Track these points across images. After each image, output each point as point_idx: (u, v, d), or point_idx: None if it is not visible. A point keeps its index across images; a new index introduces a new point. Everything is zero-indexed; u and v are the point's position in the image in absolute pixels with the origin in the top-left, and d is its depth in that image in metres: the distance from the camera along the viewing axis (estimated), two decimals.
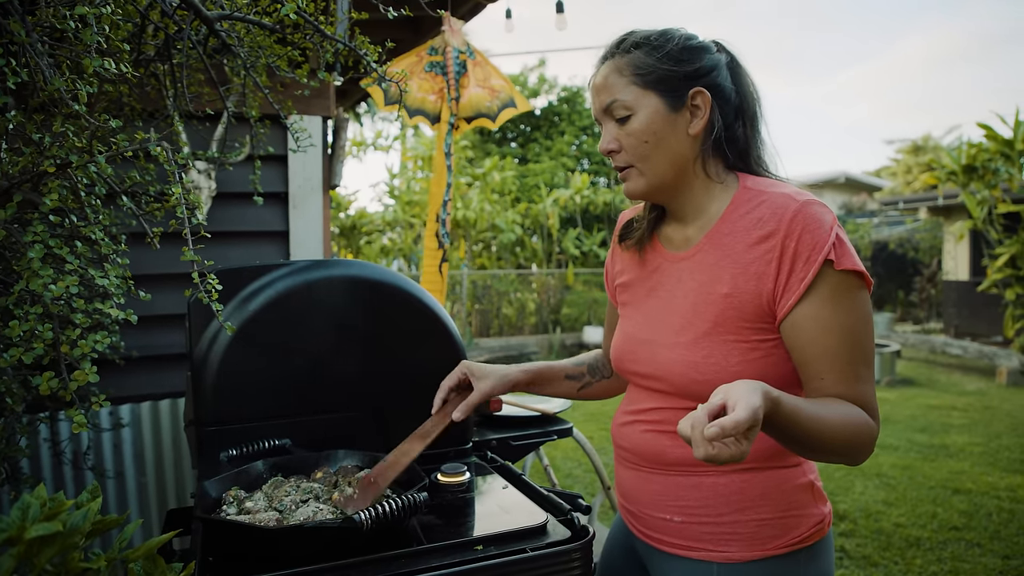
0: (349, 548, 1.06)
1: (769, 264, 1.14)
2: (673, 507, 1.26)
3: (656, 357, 1.26)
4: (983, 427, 6.60)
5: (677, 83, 1.20)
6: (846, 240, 1.14)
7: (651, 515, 1.30)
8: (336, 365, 1.49)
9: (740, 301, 1.16)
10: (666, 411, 1.26)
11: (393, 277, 1.54)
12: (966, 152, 10.21)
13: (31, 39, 1.10)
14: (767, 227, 1.15)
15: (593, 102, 1.27)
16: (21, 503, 0.80)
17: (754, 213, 1.18)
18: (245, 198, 2.69)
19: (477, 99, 3.89)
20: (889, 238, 16.18)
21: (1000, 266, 9.67)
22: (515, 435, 1.82)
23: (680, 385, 1.22)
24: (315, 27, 1.46)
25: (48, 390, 1.05)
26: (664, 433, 1.26)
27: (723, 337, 1.18)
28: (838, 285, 1.11)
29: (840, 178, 22.68)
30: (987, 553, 3.74)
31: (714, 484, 1.22)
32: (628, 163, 1.24)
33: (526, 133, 19.40)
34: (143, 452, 2.77)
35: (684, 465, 1.24)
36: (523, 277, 13.60)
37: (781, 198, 1.16)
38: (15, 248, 1.25)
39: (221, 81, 1.86)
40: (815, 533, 1.24)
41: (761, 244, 1.15)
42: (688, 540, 1.25)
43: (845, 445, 1.07)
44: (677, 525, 1.26)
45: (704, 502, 1.23)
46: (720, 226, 1.22)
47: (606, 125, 1.25)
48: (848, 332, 1.11)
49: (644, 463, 1.31)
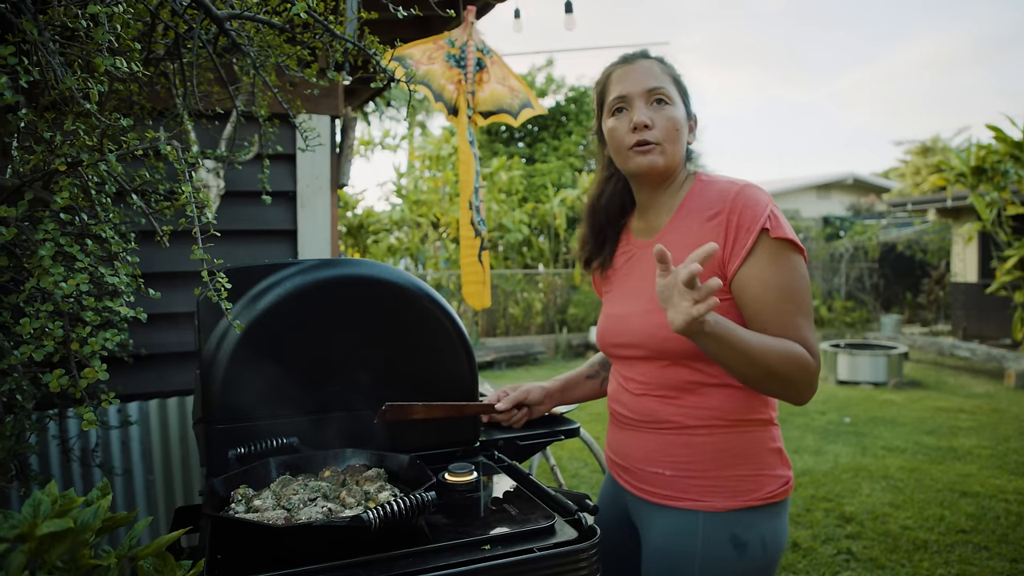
0: (357, 547, 1.06)
1: (719, 236, 1.36)
2: (665, 462, 1.45)
3: (632, 327, 1.47)
4: (991, 430, 6.56)
5: (688, 105, 1.50)
6: (780, 215, 1.36)
7: (643, 469, 1.49)
8: (344, 364, 1.50)
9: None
10: (648, 373, 1.46)
11: (401, 276, 1.55)
12: (975, 154, 10.16)
13: (43, 38, 1.10)
14: (716, 207, 1.38)
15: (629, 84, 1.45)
16: (33, 500, 0.80)
17: (705, 197, 1.42)
18: (254, 197, 2.70)
19: (499, 95, 3.89)
20: (897, 240, 16.11)
21: (1009, 268, 9.62)
22: (522, 435, 1.82)
23: (653, 346, 1.42)
24: (325, 27, 1.46)
25: (58, 387, 1.06)
26: (651, 396, 1.46)
27: None
28: (774, 250, 1.33)
29: (848, 179, 22.61)
30: (995, 556, 3.73)
31: (702, 442, 1.41)
32: (658, 140, 1.43)
33: (533, 133, 19.38)
34: (151, 450, 2.78)
35: (676, 425, 1.43)
36: (530, 277, 13.59)
37: (725, 184, 1.42)
38: (26, 246, 1.25)
39: (230, 80, 1.86)
40: (782, 492, 1.44)
41: (711, 220, 1.38)
42: (677, 492, 1.43)
43: (781, 361, 1.26)
44: (668, 478, 1.44)
45: (692, 458, 1.42)
46: (680, 211, 1.46)
47: (640, 106, 1.43)
48: (785, 288, 1.32)
49: (639, 423, 1.49)
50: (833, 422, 6.96)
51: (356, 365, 1.50)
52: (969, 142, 10.80)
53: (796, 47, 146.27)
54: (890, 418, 7.14)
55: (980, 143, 10.23)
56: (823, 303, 14.99)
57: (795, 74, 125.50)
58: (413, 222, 13.24)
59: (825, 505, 4.52)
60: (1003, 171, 9.71)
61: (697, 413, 1.42)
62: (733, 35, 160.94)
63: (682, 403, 1.43)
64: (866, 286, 15.45)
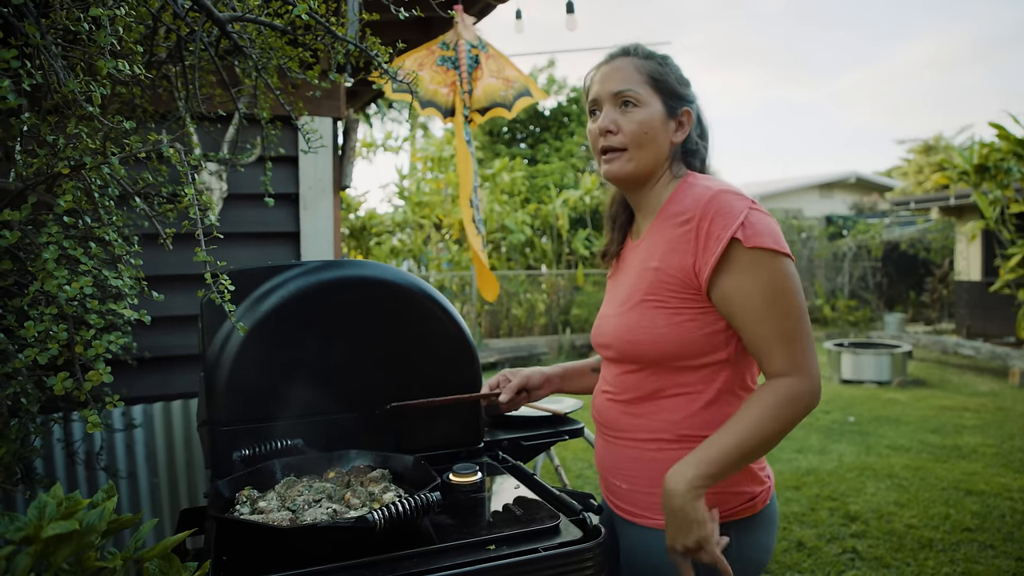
0: (362, 547, 1.06)
1: (688, 242, 1.30)
2: (622, 474, 1.42)
3: (606, 329, 1.45)
4: (996, 428, 6.55)
5: (676, 99, 1.42)
6: (757, 222, 1.28)
7: (609, 480, 1.47)
8: (348, 365, 1.50)
9: (666, 274, 1.33)
10: (617, 378, 1.43)
11: (405, 278, 1.55)
12: (978, 152, 10.13)
13: (45, 41, 1.10)
14: (688, 212, 1.32)
15: (598, 87, 1.42)
16: (38, 502, 0.80)
17: (683, 201, 1.36)
18: (256, 199, 2.70)
19: (492, 89, 3.88)
20: (900, 238, 16.07)
21: (1013, 266, 9.60)
22: (526, 435, 1.82)
23: (619, 348, 1.40)
24: (326, 28, 1.47)
25: (63, 390, 1.06)
26: (616, 402, 1.43)
27: (652, 304, 1.34)
28: (752, 259, 1.26)
29: (851, 178, 22.56)
30: (1000, 555, 3.72)
31: (652, 458, 1.36)
32: (623, 145, 1.39)
33: (535, 134, 19.38)
34: (155, 453, 2.78)
35: (627, 436, 1.41)
36: (533, 278, 13.58)
37: (702, 188, 1.34)
38: (30, 249, 1.26)
39: (232, 83, 1.86)
40: (747, 508, 1.36)
41: (683, 226, 1.32)
42: (634, 507, 1.40)
43: (777, 426, 1.23)
44: (625, 491, 1.41)
45: (643, 473, 1.37)
46: (660, 214, 1.41)
47: (607, 109, 1.40)
48: (768, 294, 1.25)
49: (607, 431, 1.47)
50: (837, 421, 6.95)
51: (359, 366, 1.50)
52: (972, 140, 10.77)
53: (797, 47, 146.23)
54: (894, 417, 7.12)
55: (983, 141, 10.21)
56: (826, 302, 14.97)
57: (796, 74, 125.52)
58: (416, 224, 13.24)
59: (830, 504, 4.51)
60: (1006, 169, 9.68)
61: (651, 425, 1.36)
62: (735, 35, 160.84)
63: (638, 412, 1.38)
64: (869, 285, 15.43)
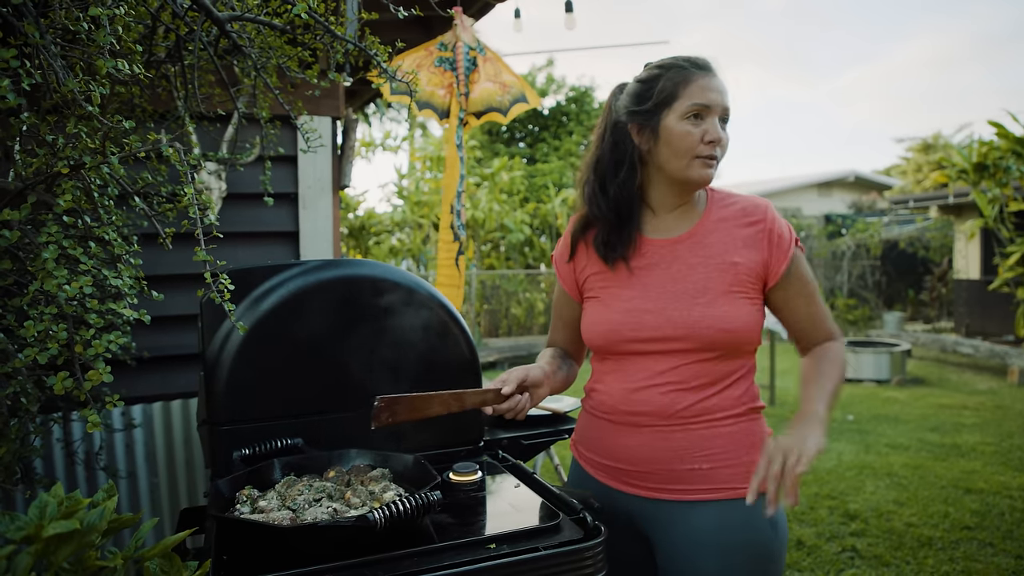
0: (363, 546, 1.06)
1: (760, 240, 1.49)
2: (699, 456, 1.45)
3: (672, 320, 1.46)
4: (995, 426, 6.55)
5: None
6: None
7: (674, 469, 1.46)
8: (348, 365, 1.50)
9: (746, 268, 1.48)
10: (687, 367, 1.46)
11: (405, 277, 1.55)
12: (977, 150, 10.13)
13: (45, 41, 1.10)
14: (754, 216, 1.51)
15: (716, 95, 1.49)
16: (39, 502, 0.80)
17: (736, 206, 1.54)
18: (255, 199, 2.70)
19: (488, 94, 3.88)
20: (899, 237, 16.07)
21: (1011, 265, 9.60)
22: (526, 434, 1.82)
23: (705, 338, 1.44)
24: (325, 28, 1.47)
25: (62, 390, 1.06)
26: (685, 390, 1.46)
27: (738, 295, 1.47)
28: (800, 257, 1.52)
29: (850, 177, 22.57)
30: (999, 553, 3.72)
31: (730, 432, 1.47)
32: (720, 158, 1.49)
33: (534, 133, 19.38)
34: (155, 452, 2.78)
35: (701, 420, 1.46)
36: (532, 277, 13.58)
37: (751, 198, 1.55)
38: (30, 249, 1.26)
39: (231, 82, 1.86)
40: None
41: (752, 226, 1.50)
42: (717, 484, 1.44)
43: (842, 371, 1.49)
44: (706, 472, 1.45)
45: (724, 448, 1.45)
46: (708, 215, 1.53)
47: (715, 121, 1.47)
48: (812, 284, 1.53)
49: (664, 421, 1.47)
50: (836, 420, 6.95)
51: (359, 365, 1.50)
52: (971, 139, 10.79)
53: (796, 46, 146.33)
54: (893, 415, 7.13)
55: (982, 139, 10.20)
56: (825, 301, 14.94)
57: (795, 73, 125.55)
58: (415, 223, 13.24)
59: (829, 503, 4.51)
60: (1005, 167, 9.69)
61: (721, 404, 1.47)
62: (733, 34, 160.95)
63: (710, 394, 1.47)
64: (868, 284, 15.43)
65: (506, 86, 3.92)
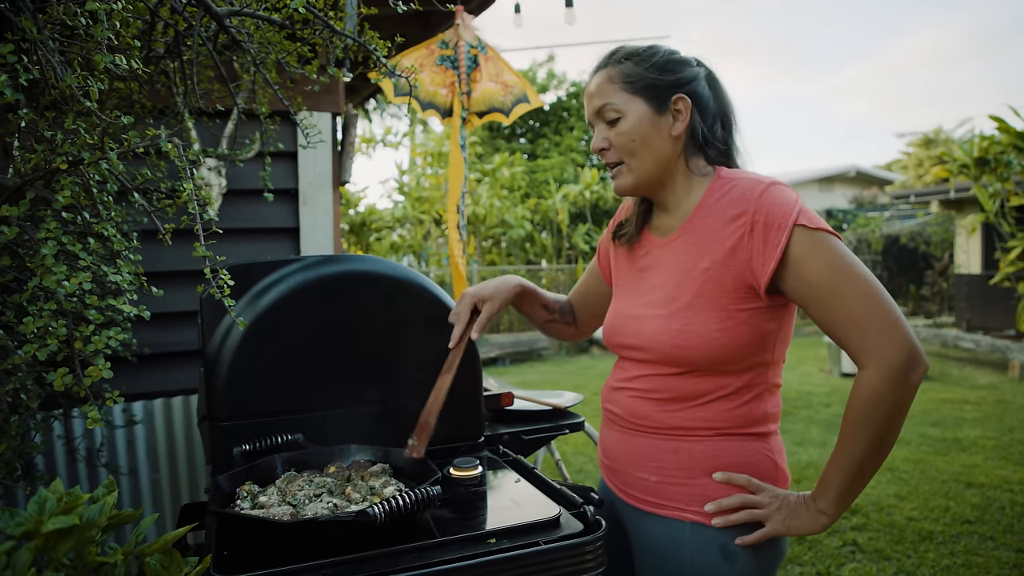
0: (363, 542, 1.06)
1: (741, 238, 1.26)
2: (651, 467, 1.38)
3: (641, 329, 1.38)
4: (996, 421, 6.55)
5: (662, 90, 1.35)
6: (810, 210, 1.26)
7: (630, 473, 1.43)
8: (348, 360, 1.50)
9: (719, 273, 1.28)
10: (650, 378, 1.38)
11: (405, 272, 1.55)
12: (978, 145, 10.12)
13: (42, 36, 1.10)
14: (739, 207, 1.28)
15: (587, 107, 1.42)
16: (38, 497, 0.80)
17: (727, 197, 1.32)
18: (255, 195, 2.70)
19: (490, 94, 3.88)
20: (900, 232, 16.07)
21: (1013, 259, 9.59)
22: (526, 429, 1.82)
23: (662, 352, 1.34)
24: (324, 22, 1.46)
25: (62, 386, 1.06)
26: (649, 400, 1.39)
27: (702, 307, 1.30)
28: (815, 241, 1.23)
29: (851, 172, 22.54)
30: (1000, 547, 3.72)
31: (691, 449, 1.34)
32: (618, 160, 1.38)
33: (535, 129, 19.37)
34: (156, 449, 2.79)
35: (666, 429, 1.37)
36: (533, 273, 13.58)
37: (749, 182, 1.31)
38: (28, 245, 1.25)
39: (231, 77, 1.86)
40: None
41: (734, 222, 1.28)
42: (662, 499, 1.37)
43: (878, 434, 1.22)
44: (653, 484, 1.38)
45: (680, 465, 1.35)
46: (698, 211, 1.36)
47: (598, 127, 1.40)
48: (838, 269, 1.22)
49: (630, 425, 1.43)
50: (838, 414, 6.95)
51: (360, 361, 1.50)
52: (972, 133, 10.77)
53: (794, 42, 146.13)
54: None
55: (983, 134, 10.19)
56: None
57: (794, 69, 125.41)
58: (415, 219, 13.25)
59: None
60: (1006, 162, 9.68)
61: (688, 422, 1.35)
62: (732, 30, 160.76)
63: (675, 410, 1.36)
64: None
65: (508, 86, 3.92)
